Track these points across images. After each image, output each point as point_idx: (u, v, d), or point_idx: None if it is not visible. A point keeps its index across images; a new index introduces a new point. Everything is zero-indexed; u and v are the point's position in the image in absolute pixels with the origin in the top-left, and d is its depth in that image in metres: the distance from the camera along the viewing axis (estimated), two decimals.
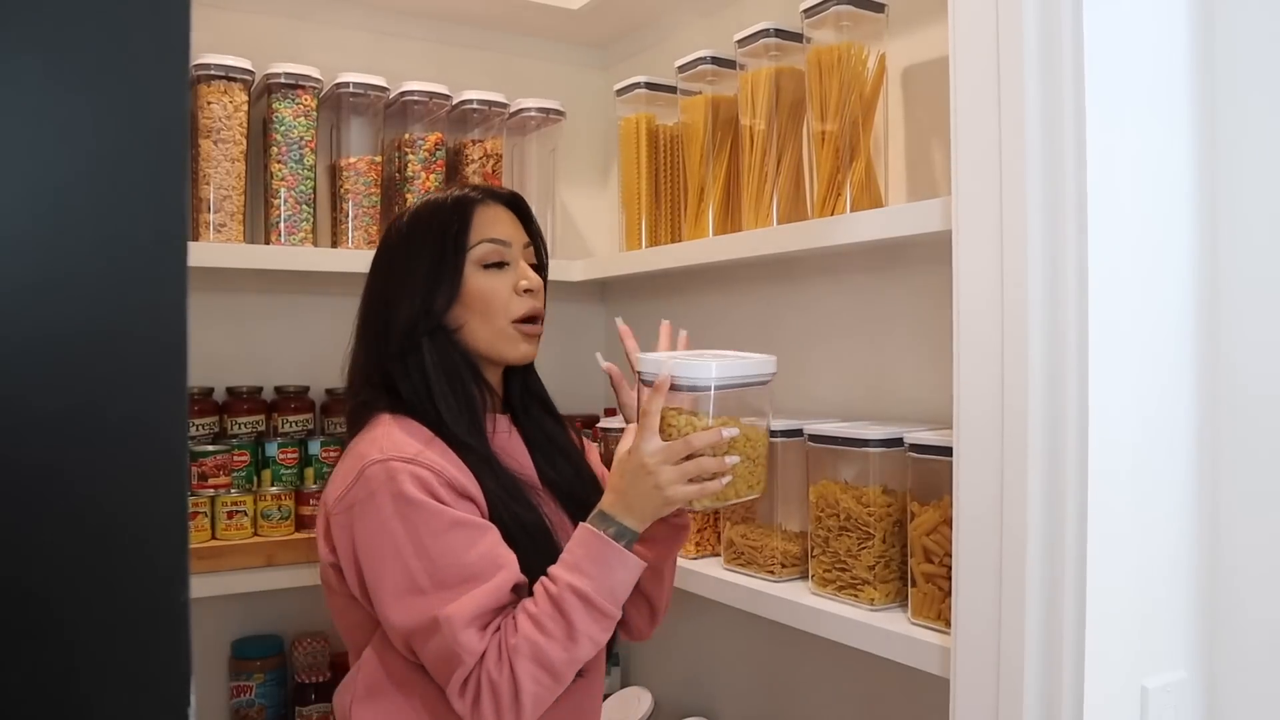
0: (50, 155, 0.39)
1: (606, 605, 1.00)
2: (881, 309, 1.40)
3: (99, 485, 0.39)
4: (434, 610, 0.99)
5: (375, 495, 1.02)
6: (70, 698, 0.38)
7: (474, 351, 1.15)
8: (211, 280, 1.62)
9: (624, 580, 1.03)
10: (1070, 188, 0.88)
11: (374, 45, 1.80)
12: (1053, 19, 0.88)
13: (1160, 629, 0.95)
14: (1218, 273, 0.99)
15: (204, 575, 1.46)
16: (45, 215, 0.39)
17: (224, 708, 1.65)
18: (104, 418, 0.39)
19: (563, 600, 0.99)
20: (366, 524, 1.03)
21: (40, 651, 0.38)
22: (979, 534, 0.93)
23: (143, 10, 0.41)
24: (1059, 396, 0.88)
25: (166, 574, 0.40)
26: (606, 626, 1.01)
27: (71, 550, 0.38)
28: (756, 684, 1.64)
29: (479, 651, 0.98)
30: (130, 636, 0.39)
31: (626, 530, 1.03)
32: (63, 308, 0.39)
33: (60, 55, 0.39)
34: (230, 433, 1.62)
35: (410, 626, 1.00)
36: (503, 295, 1.14)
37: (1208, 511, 0.99)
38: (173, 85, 0.42)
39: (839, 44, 1.25)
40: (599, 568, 1.01)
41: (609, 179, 2.03)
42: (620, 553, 1.02)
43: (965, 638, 0.95)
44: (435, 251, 1.13)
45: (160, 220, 0.41)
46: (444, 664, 1.00)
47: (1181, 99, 0.98)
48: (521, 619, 1.00)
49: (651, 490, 1.00)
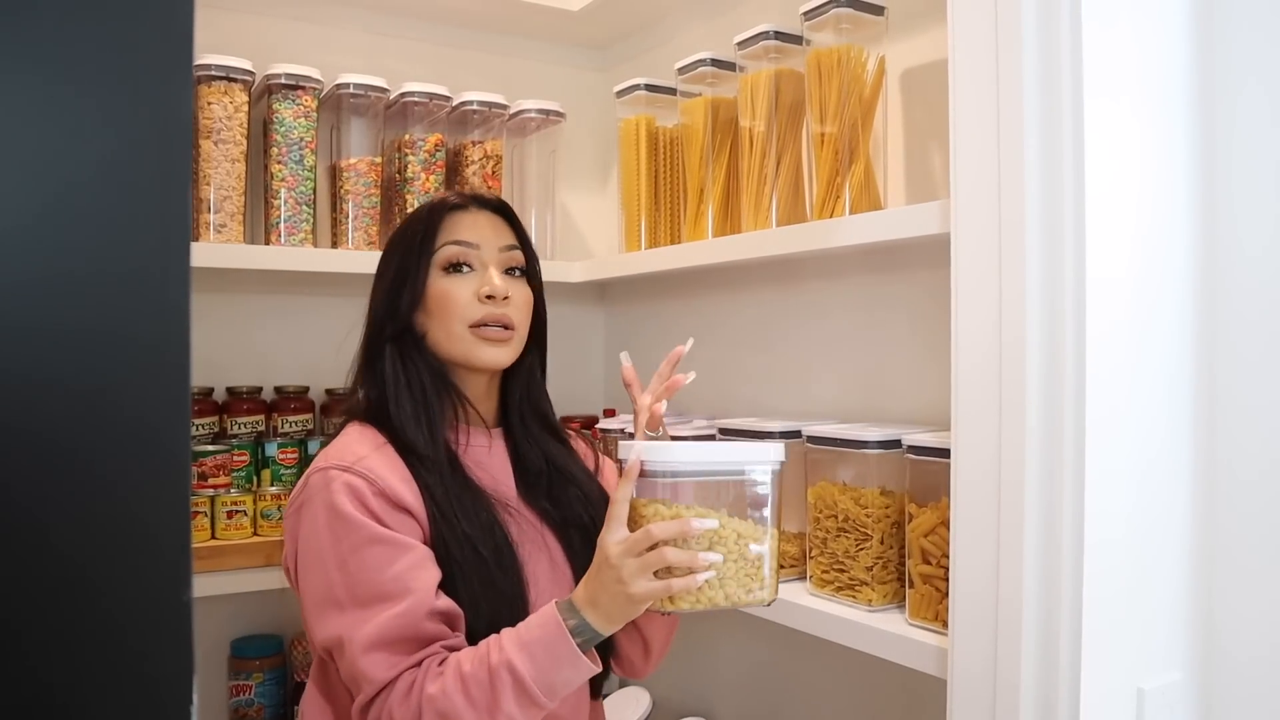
0: (53, 157, 0.39)
1: (539, 696, 0.93)
2: (880, 311, 1.40)
3: (102, 485, 0.39)
4: (342, 630, 0.97)
5: (311, 502, 1.01)
6: (73, 696, 0.39)
7: (444, 358, 1.12)
8: (212, 280, 1.62)
9: (568, 679, 0.94)
10: (1068, 191, 0.88)
11: (374, 46, 1.81)
12: (1051, 22, 0.89)
13: (1157, 631, 0.96)
14: (1216, 275, 1.00)
15: (204, 575, 1.46)
16: (49, 217, 0.39)
17: (223, 707, 1.65)
18: (108, 419, 0.40)
19: (498, 676, 0.92)
20: (303, 529, 1.02)
21: (44, 650, 0.38)
22: (976, 535, 0.94)
23: (147, 11, 0.41)
24: (1056, 399, 0.88)
25: (170, 573, 0.40)
26: (534, 715, 0.94)
27: (75, 549, 0.39)
28: (754, 685, 1.64)
29: (380, 681, 0.94)
30: (133, 635, 0.40)
31: (588, 628, 0.94)
32: (66, 309, 0.39)
33: (64, 56, 0.39)
34: (230, 433, 1.63)
35: (324, 640, 0.99)
36: (460, 300, 1.10)
37: (1204, 513, 0.99)
38: (177, 87, 0.42)
39: (839, 46, 1.26)
40: (547, 658, 0.93)
41: (609, 180, 2.03)
42: (572, 651, 0.93)
43: (962, 639, 0.95)
44: (404, 254, 1.13)
45: (164, 222, 0.41)
46: (351, 683, 0.98)
47: (1180, 102, 0.98)
48: (450, 673, 0.93)
49: (614, 585, 0.92)
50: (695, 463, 0.95)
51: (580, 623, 0.94)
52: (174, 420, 0.41)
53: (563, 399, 1.89)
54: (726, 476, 0.96)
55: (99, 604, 0.39)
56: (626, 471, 0.94)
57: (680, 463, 0.94)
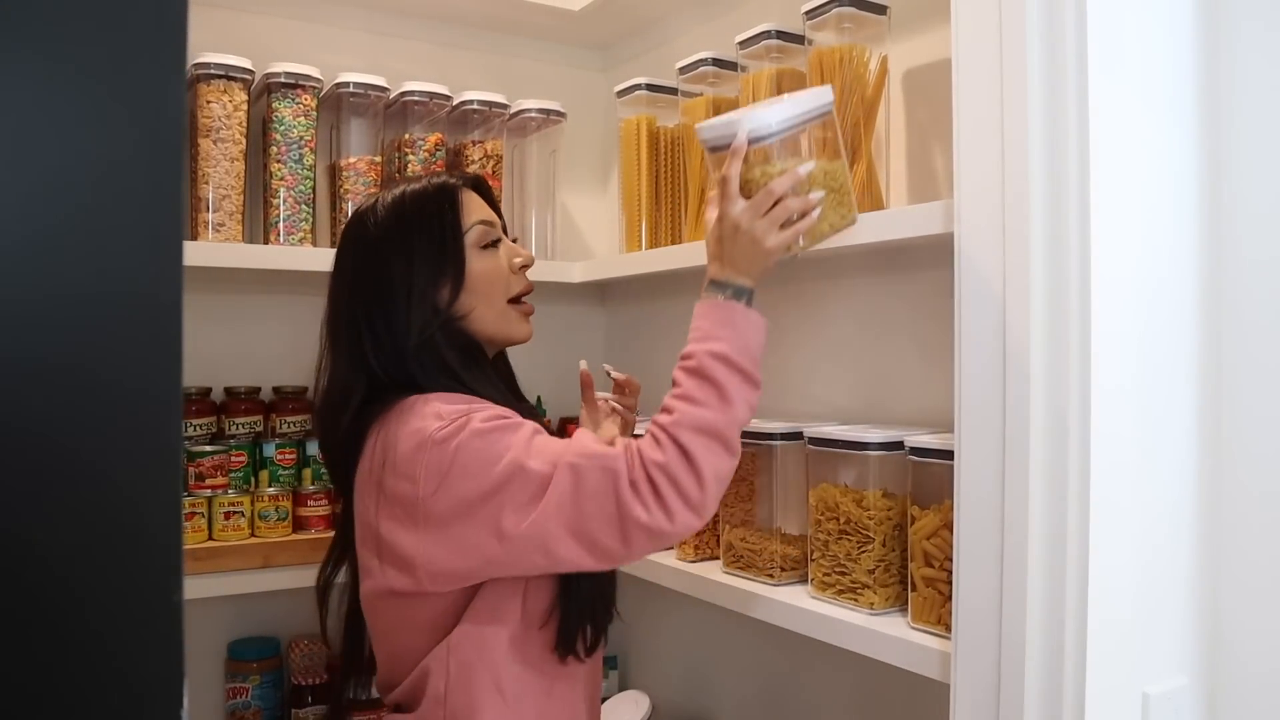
0: (43, 155, 0.38)
1: (747, 365, 0.99)
2: (882, 311, 1.39)
3: (92, 486, 0.39)
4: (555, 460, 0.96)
5: (462, 432, 0.99)
6: (62, 699, 0.38)
7: (483, 337, 1.14)
8: (210, 280, 1.61)
9: (755, 340, 1.01)
10: (1073, 190, 0.87)
11: (374, 45, 1.80)
12: (1056, 21, 0.88)
13: (1162, 635, 0.95)
14: (1222, 275, 0.99)
15: (200, 576, 1.45)
16: (38, 216, 0.38)
17: (220, 709, 1.65)
18: (98, 418, 0.39)
19: (704, 368, 0.98)
20: (460, 458, 0.98)
21: (31, 652, 0.37)
22: (980, 538, 0.93)
23: (139, 8, 0.40)
24: (1061, 400, 0.87)
25: (160, 574, 0.40)
26: (752, 391, 1.00)
27: (64, 551, 0.38)
28: (755, 688, 1.63)
29: (620, 453, 0.96)
30: (123, 637, 0.39)
31: (742, 289, 1.02)
32: (56, 307, 0.38)
33: (55, 54, 0.38)
34: (228, 433, 1.62)
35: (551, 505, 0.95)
36: (503, 273, 1.14)
37: (1210, 518, 0.99)
38: (169, 84, 0.41)
39: (841, 46, 1.25)
40: (729, 330, 1.00)
41: (609, 181, 2.03)
42: (744, 311, 1.01)
43: (965, 643, 0.95)
44: (433, 240, 1.10)
45: (156, 220, 0.41)
46: (603, 493, 0.94)
47: (1186, 102, 0.98)
48: (667, 402, 0.99)
49: (749, 246, 1.01)
50: (784, 120, 1.02)
51: (735, 288, 1.02)
52: (165, 420, 0.41)
53: (563, 399, 1.89)
54: (808, 121, 1.04)
55: (86, 606, 0.38)
56: (734, 150, 1.01)
57: (774, 124, 1.01)
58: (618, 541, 0.95)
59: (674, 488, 0.94)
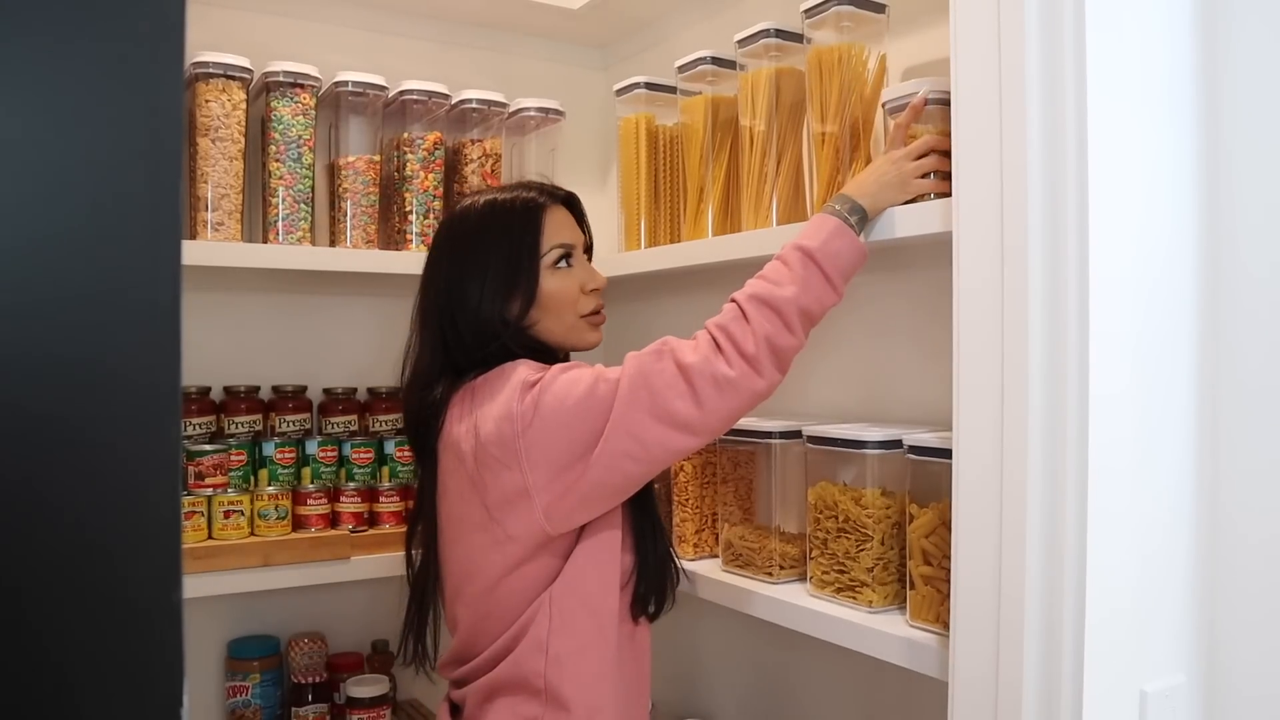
0: (42, 155, 0.38)
1: (827, 265, 1.06)
2: (881, 311, 1.39)
3: (91, 485, 0.39)
4: (627, 365, 1.07)
5: (555, 378, 1.09)
6: (61, 698, 0.38)
7: (552, 343, 1.23)
8: (209, 279, 1.61)
9: (845, 250, 1.08)
10: (1071, 190, 0.87)
11: (373, 44, 1.80)
12: (1054, 20, 0.88)
13: (1160, 633, 0.95)
14: (1220, 274, 0.99)
15: (200, 575, 1.45)
16: (37, 215, 0.38)
17: (220, 708, 1.65)
18: (97, 417, 0.39)
19: (784, 255, 1.08)
20: (554, 389, 1.08)
21: (30, 651, 0.37)
22: (978, 536, 0.93)
23: (138, 7, 0.40)
24: (1059, 399, 0.88)
25: (159, 573, 0.40)
26: (826, 289, 1.07)
27: (63, 550, 0.38)
28: (754, 686, 1.63)
29: (691, 336, 1.07)
30: (122, 636, 0.39)
31: (856, 206, 1.10)
32: (55, 307, 0.38)
33: (53, 53, 0.38)
34: (227, 432, 1.62)
35: (625, 396, 1.05)
36: (573, 294, 1.22)
37: (1207, 515, 0.99)
38: (168, 83, 0.41)
39: (839, 45, 1.25)
40: (823, 234, 1.08)
41: (608, 179, 2.03)
42: (845, 228, 1.08)
43: (964, 640, 0.95)
44: (510, 258, 1.19)
45: (155, 219, 0.41)
46: (662, 363, 1.05)
47: (1184, 101, 0.98)
48: (746, 283, 1.09)
49: (896, 180, 1.11)
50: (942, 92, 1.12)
51: (850, 205, 1.11)
52: (163, 419, 0.41)
53: None
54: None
55: (85, 604, 0.38)
56: (913, 107, 1.12)
57: (940, 92, 1.12)
58: (690, 403, 1.04)
59: (726, 336, 1.05)
